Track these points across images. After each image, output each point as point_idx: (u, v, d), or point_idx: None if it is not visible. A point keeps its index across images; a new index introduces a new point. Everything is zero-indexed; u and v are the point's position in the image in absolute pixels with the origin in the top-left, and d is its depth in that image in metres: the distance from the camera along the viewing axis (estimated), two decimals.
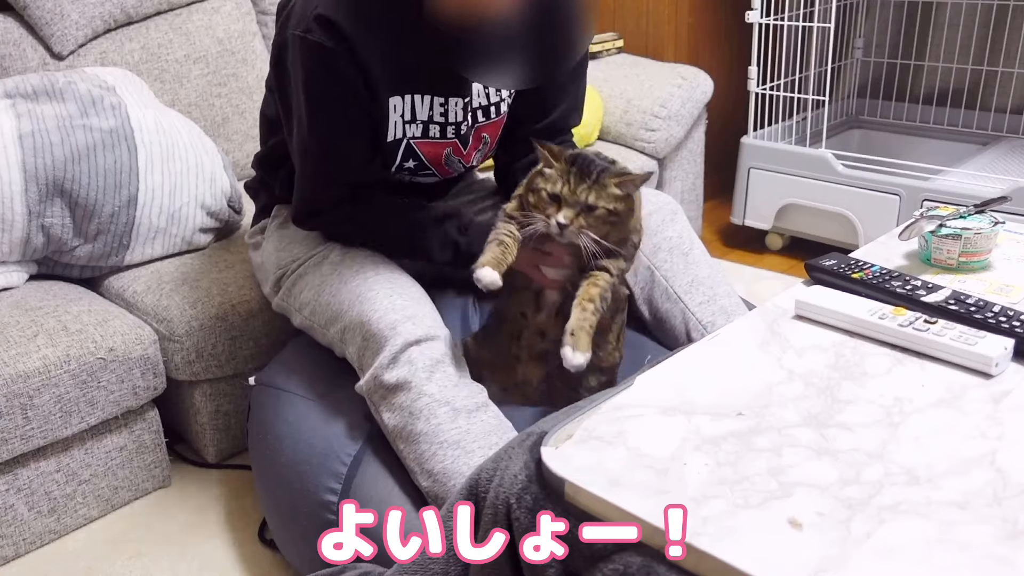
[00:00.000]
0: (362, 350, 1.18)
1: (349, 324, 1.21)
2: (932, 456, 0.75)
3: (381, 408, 1.16)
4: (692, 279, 1.43)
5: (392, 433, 1.16)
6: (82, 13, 1.83)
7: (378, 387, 1.15)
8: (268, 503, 1.32)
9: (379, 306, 1.19)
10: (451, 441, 1.14)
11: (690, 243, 1.45)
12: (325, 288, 1.28)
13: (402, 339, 1.15)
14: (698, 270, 1.43)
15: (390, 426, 1.16)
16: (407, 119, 1.29)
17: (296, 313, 1.35)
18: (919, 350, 0.92)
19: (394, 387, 1.14)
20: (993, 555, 0.64)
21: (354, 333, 1.20)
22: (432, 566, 0.85)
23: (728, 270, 2.36)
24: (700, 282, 1.43)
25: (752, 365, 0.92)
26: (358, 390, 1.20)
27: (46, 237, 1.55)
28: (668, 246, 1.43)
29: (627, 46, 2.60)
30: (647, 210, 1.40)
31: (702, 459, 0.76)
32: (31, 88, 1.57)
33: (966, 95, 2.57)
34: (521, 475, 0.78)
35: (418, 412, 1.14)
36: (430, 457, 1.13)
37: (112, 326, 1.43)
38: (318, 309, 1.28)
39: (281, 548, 1.33)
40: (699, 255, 1.45)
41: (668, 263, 1.44)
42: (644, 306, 1.46)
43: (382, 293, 1.22)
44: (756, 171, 2.40)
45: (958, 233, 1.12)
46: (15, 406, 1.31)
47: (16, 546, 1.38)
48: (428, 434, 1.14)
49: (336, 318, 1.24)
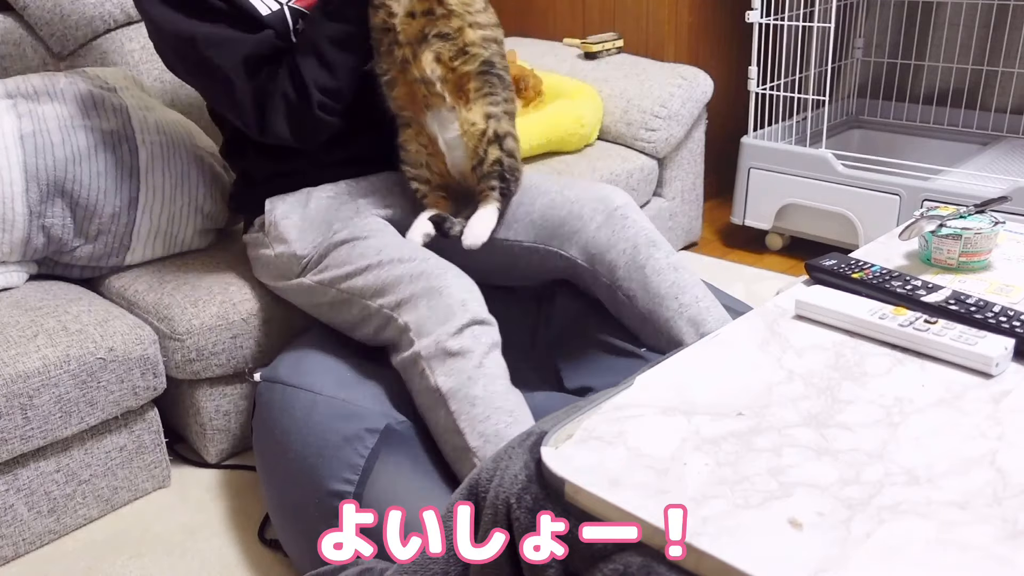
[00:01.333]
0: (425, 318, 1.27)
1: (413, 294, 1.30)
2: (932, 456, 0.75)
3: (438, 371, 1.23)
4: (654, 294, 1.43)
5: (447, 394, 1.22)
6: (82, 13, 1.83)
7: (439, 351, 1.24)
8: (273, 499, 1.32)
9: (452, 283, 1.30)
10: (506, 409, 1.22)
11: (647, 251, 1.43)
12: (379, 264, 1.36)
13: (470, 315, 1.27)
14: (660, 281, 1.43)
15: (444, 388, 1.22)
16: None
17: (329, 289, 1.40)
18: (919, 350, 0.92)
19: (456, 353, 1.23)
20: (993, 555, 0.64)
21: (417, 302, 1.29)
22: (432, 566, 0.85)
23: (728, 270, 2.36)
24: (663, 295, 1.43)
25: (752, 365, 0.92)
26: (402, 360, 1.27)
27: (47, 237, 1.55)
28: (624, 261, 1.44)
29: (627, 46, 2.60)
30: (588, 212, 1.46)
31: (702, 459, 0.76)
32: (32, 88, 1.57)
33: (966, 95, 2.57)
34: (521, 475, 0.78)
35: (477, 378, 1.23)
36: (484, 419, 1.20)
37: (112, 326, 1.43)
38: (367, 283, 1.36)
39: (285, 546, 1.33)
40: (658, 261, 1.43)
41: (628, 281, 1.45)
42: (625, 320, 1.47)
43: (452, 273, 1.33)
44: (756, 171, 2.40)
45: (958, 233, 1.12)
46: (15, 406, 1.31)
47: (16, 546, 1.38)
48: (485, 399, 1.22)
49: (390, 289, 1.33)
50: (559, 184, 1.55)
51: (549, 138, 2.12)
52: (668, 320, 1.41)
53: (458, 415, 1.21)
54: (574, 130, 2.15)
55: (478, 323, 1.27)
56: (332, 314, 1.44)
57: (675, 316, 1.41)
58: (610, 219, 1.46)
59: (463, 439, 1.20)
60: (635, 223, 1.46)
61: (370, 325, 1.37)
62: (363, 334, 1.40)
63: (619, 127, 2.28)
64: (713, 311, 1.41)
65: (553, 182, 1.56)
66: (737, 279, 2.30)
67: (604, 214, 1.46)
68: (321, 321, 1.52)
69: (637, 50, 2.58)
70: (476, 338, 1.26)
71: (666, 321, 1.41)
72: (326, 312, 1.45)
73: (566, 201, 1.50)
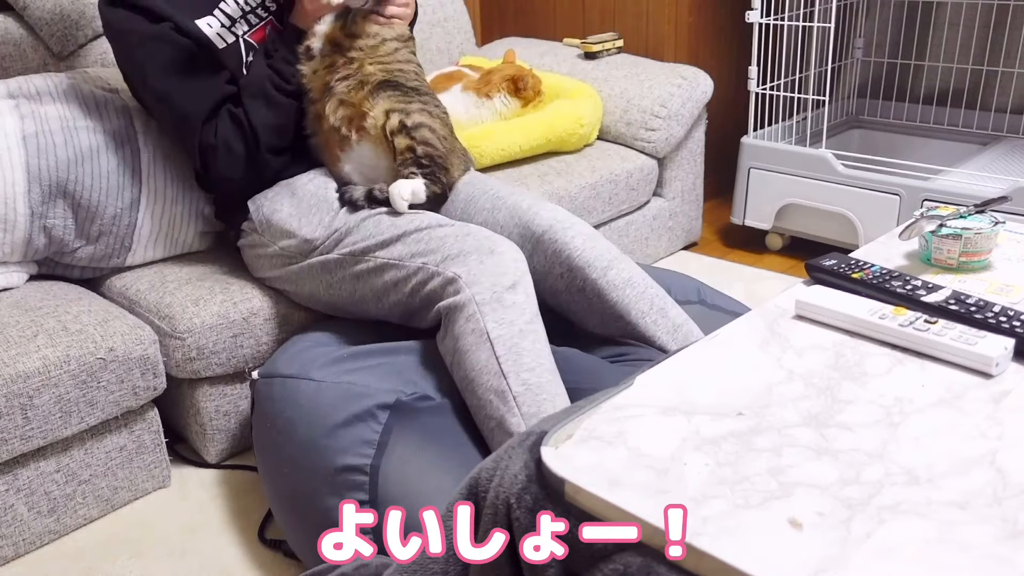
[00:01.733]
0: (478, 271, 1.29)
1: (463, 250, 1.32)
2: (932, 456, 0.75)
3: (489, 317, 1.25)
4: (600, 316, 1.44)
5: (495, 339, 1.24)
6: (82, 13, 1.83)
7: (494, 299, 1.26)
8: (276, 492, 1.32)
9: (505, 244, 1.33)
10: (549, 367, 1.26)
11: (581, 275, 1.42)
12: (417, 228, 1.38)
13: (523, 273, 1.31)
14: (602, 305, 1.43)
15: (494, 335, 1.24)
16: (227, 24, 1.52)
17: (359, 259, 1.41)
18: (919, 350, 0.92)
19: (510, 305, 1.26)
20: (993, 555, 0.64)
21: (467, 258, 1.31)
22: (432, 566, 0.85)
23: (728, 270, 2.36)
24: (609, 315, 1.44)
25: (752, 365, 0.92)
26: (447, 304, 1.28)
27: (48, 238, 1.55)
28: (563, 285, 1.44)
29: (627, 46, 2.60)
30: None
31: (702, 459, 0.76)
32: (35, 89, 1.57)
33: (966, 95, 2.57)
34: (521, 475, 0.78)
35: (527, 332, 1.26)
36: (530, 370, 1.23)
37: (112, 326, 1.43)
38: (407, 246, 1.37)
39: (290, 540, 1.33)
40: (595, 283, 1.41)
41: (573, 304, 1.46)
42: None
43: (502, 236, 1.37)
44: (756, 171, 2.40)
45: (958, 233, 1.12)
46: (15, 406, 1.31)
47: (16, 546, 1.38)
48: (533, 352, 1.25)
49: (435, 249, 1.34)
50: (491, 202, 1.53)
51: (548, 138, 2.12)
52: (625, 331, 1.44)
53: (503, 359, 1.23)
54: (573, 130, 2.15)
55: (529, 283, 1.31)
56: (354, 286, 1.43)
57: (628, 330, 1.43)
58: (538, 246, 1.45)
59: (504, 382, 1.21)
60: (565, 245, 1.42)
61: (405, 286, 1.36)
62: (390, 301, 1.39)
63: (619, 127, 2.28)
64: (661, 323, 1.43)
65: (487, 198, 1.54)
66: (737, 279, 2.30)
67: (532, 242, 1.45)
68: (323, 309, 1.54)
69: (637, 50, 2.58)
70: (529, 296, 1.29)
71: (623, 331, 1.44)
72: (347, 286, 1.44)
73: (495, 224, 1.50)
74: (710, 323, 1.57)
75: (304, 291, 1.52)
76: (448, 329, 1.29)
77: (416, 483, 1.20)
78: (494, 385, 1.22)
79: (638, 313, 1.42)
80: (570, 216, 1.47)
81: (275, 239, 1.51)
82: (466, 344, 1.25)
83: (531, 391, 1.21)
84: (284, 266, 1.52)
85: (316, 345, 1.42)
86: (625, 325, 1.42)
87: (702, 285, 1.70)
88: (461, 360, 1.26)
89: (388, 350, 1.37)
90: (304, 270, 1.49)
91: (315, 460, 1.24)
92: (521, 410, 1.20)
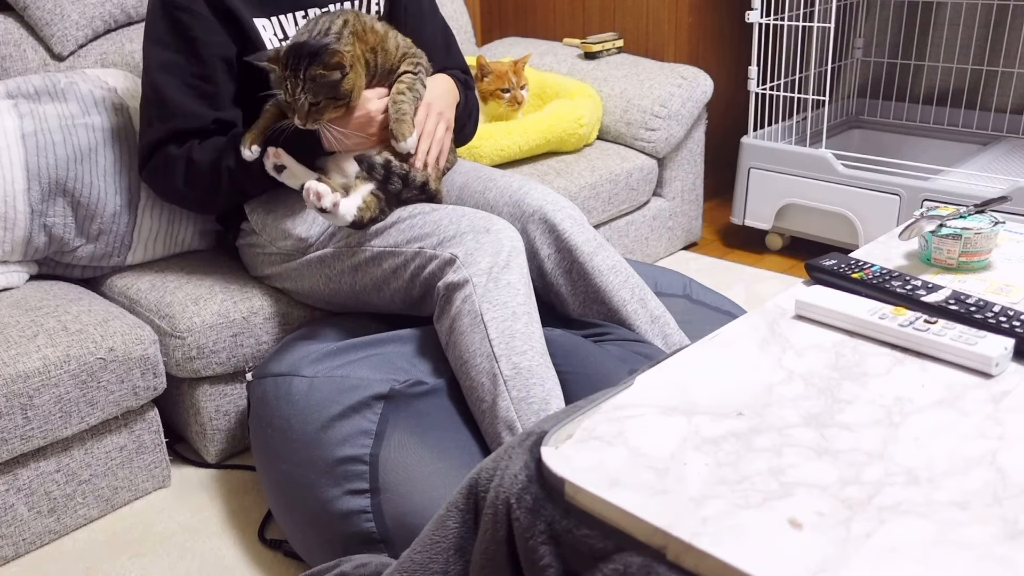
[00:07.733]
0: (474, 250, 1.31)
1: (459, 231, 1.34)
2: (932, 456, 0.75)
3: (484, 298, 1.28)
4: (583, 298, 1.47)
5: (488, 322, 1.27)
6: (82, 13, 1.83)
7: (490, 279, 1.29)
8: (276, 487, 1.32)
9: (500, 223, 1.35)
10: (540, 350, 1.28)
11: (570, 256, 1.45)
12: (411, 215, 1.40)
13: (518, 252, 1.33)
14: (586, 287, 1.46)
15: (488, 317, 1.28)
16: (280, 38, 1.50)
17: (357, 251, 1.42)
18: (919, 350, 0.92)
19: (505, 286, 1.29)
20: (993, 555, 0.64)
21: (463, 238, 1.33)
22: (432, 566, 0.85)
23: (728, 270, 2.36)
24: (591, 298, 1.46)
25: (752, 365, 0.92)
26: (445, 284, 1.30)
27: (48, 237, 1.55)
28: (550, 266, 1.47)
29: (627, 46, 2.60)
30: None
31: (702, 459, 0.76)
32: (33, 88, 1.57)
33: (966, 95, 2.57)
34: (521, 475, 0.78)
35: (521, 314, 1.28)
36: (521, 353, 1.25)
37: (112, 326, 1.43)
38: (402, 233, 1.38)
39: (290, 539, 1.33)
40: (582, 266, 1.45)
41: (556, 284, 1.48)
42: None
43: (496, 216, 1.39)
44: (756, 171, 2.40)
45: (958, 233, 1.12)
46: (15, 406, 1.31)
47: (16, 546, 1.38)
48: (525, 335, 1.27)
49: (431, 233, 1.35)
50: (483, 184, 1.56)
51: (548, 138, 2.12)
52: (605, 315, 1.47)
53: (496, 342, 1.25)
54: (573, 130, 2.15)
55: (525, 263, 1.33)
56: (353, 278, 1.44)
57: (608, 315, 1.46)
58: (528, 226, 1.47)
59: (495, 365, 1.24)
60: (555, 226, 1.46)
61: (405, 272, 1.37)
62: (391, 289, 1.40)
63: (619, 127, 2.28)
64: (641, 312, 1.45)
65: (480, 181, 1.57)
66: (737, 279, 2.30)
67: (522, 221, 1.48)
68: (325, 306, 1.54)
69: (637, 50, 2.58)
70: (523, 275, 1.31)
71: (603, 316, 1.47)
72: (346, 278, 1.45)
73: (487, 204, 1.52)
74: (692, 317, 1.58)
75: (304, 287, 1.52)
76: (445, 309, 1.31)
77: (416, 469, 1.21)
78: (486, 367, 1.25)
79: (620, 300, 1.45)
80: (561, 198, 1.50)
81: (273, 240, 1.51)
82: (461, 326, 1.28)
83: (521, 375, 1.24)
84: (282, 263, 1.52)
85: (305, 343, 1.42)
86: (606, 310, 1.46)
87: (691, 281, 1.71)
88: (456, 341, 1.29)
89: (376, 341, 1.37)
90: (303, 266, 1.49)
91: (313, 454, 1.24)
92: (511, 394, 1.23)
